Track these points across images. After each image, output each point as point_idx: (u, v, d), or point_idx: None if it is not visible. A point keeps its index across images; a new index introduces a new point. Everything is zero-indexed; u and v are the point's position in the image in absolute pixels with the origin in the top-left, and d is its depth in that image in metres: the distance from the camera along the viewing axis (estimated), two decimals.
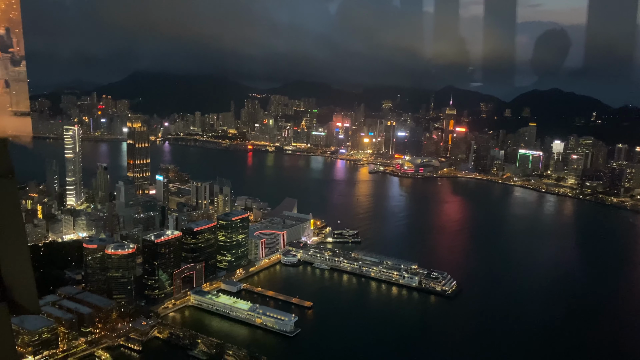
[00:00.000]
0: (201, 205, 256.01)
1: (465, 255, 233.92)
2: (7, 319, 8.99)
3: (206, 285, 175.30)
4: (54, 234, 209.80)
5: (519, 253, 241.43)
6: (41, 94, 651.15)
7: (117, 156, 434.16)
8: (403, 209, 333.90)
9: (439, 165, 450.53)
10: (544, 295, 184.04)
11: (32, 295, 9.52)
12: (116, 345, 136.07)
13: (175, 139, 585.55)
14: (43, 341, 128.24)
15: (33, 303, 9.44)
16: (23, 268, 9.33)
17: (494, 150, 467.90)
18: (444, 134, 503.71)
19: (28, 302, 9.26)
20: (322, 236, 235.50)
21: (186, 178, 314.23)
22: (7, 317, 8.99)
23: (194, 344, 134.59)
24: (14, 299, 9.11)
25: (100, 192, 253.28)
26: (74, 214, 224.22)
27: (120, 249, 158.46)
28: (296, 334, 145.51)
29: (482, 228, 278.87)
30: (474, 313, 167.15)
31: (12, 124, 9.53)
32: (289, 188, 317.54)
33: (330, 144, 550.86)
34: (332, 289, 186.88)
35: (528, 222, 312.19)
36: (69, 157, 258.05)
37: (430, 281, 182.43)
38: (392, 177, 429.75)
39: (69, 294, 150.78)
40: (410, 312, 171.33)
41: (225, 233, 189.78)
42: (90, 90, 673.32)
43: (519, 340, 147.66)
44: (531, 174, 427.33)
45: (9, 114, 9.74)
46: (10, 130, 9.31)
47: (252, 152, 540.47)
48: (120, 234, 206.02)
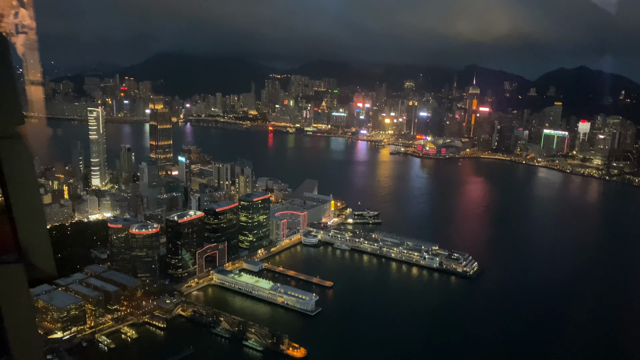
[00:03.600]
0: (223, 186, 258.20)
1: (488, 237, 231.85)
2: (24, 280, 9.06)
3: (228, 265, 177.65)
4: (80, 214, 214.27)
5: (542, 235, 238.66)
6: (65, 77, 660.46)
7: (140, 137, 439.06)
8: (424, 190, 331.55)
9: (461, 145, 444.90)
10: (566, 278, 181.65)
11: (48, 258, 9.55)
12: (141, 322, 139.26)
13: (197, 121, 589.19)
14: (71, 317, 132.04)
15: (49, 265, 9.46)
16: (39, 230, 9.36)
17: (517, 130, 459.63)
18: (467, 113, 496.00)
19: (44, 265, 9.29)
20: (343, 217, 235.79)
21: (208, 159, 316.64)
22: (24, 279, 9.05)
23: (216, 321, 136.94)
24: (31, 261, 9.16)
25: (124, 173, 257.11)
26: (99, 194, 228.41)
27: (144, 228, 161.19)
28: (317, 313, 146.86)
29: (505, 209, 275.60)
30: (494, 294, 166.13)
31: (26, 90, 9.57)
32: (309, 169, 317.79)
33: (351, 124, 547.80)
34: (352, 269, 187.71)
35: (552, 203, 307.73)
36: (93, 139, 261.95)
37: (451, 262, 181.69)
38: (413, 158, 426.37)
39: (96, 273, 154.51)
40: (430, 292, 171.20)
41: (247, 214, 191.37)
42: (113, 73, 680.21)
43: (538, 323, 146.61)
44: (556, 154, 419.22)
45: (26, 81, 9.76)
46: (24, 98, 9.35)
47: (272, 134, 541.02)
48: (144, 214, 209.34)
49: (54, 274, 9.49)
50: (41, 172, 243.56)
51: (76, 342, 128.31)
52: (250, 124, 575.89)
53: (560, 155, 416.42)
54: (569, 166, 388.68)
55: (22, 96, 16.11)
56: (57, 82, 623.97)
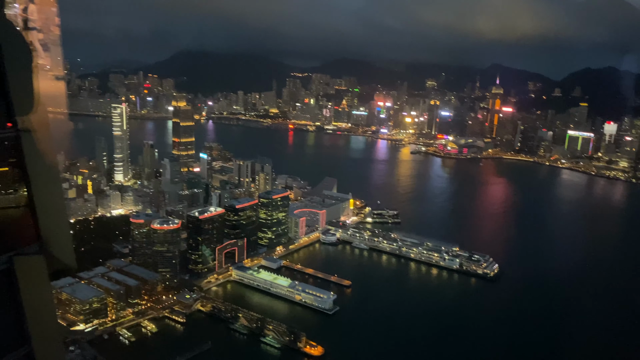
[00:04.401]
0: (243, 183, 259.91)
1: (509, 239, 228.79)
2: (44, 272, 9.26)
3: (247, 261, 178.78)
4: (103, 208, 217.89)
5: (565, 238, 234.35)
6: (90, 73, 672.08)
7: (162, 134, 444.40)
8: (445, 190, 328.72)
9: (483, 146, 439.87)
10: (588, 281, 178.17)
11: (68, 249, 9.75)
12: (161, 316, 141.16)
13: (219, 118, 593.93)
14: (93, 310, 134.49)
15: (69, 257, 9.67)
16: (60, 223, 9.57)
17: (541, 131, 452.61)
18: (490, 113, 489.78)
19: (65, 256, 9.49)
20: (362, 216, 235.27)
21: (229, 156, 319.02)
22: (44, 270, 9.25)
23: (235, 317, 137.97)
24: (52, 253, 9.36)
25: (146, 169, 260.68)
26: (122, 189, 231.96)
27: (166, 224, 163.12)
28: (335, 312, 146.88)
29: (527, 211, 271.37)
30: (515, 296, 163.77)
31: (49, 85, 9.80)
32: (329, 167, 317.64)
33: (371, 123, 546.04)
34: (371, 268, 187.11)
35: (576, 205, 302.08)
36: (117, 135, 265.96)
37: (471, 263, 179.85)
38: (434, 157, 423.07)
39: (117, 267, 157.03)
40: (449, 293, 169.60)
41: (266, 211, 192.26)
42: (136, 70, 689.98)
43: (559, 326, 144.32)
44: (580, 156, 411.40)
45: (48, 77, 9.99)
46: (46, 90, 9.56)
47: (292, 132, 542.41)
48: (165, 209, 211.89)
49: (74, 266, 9.66)
50: (66, 167, 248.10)
51: (97, 335, 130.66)
52: (270, 122, 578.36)
53: (585, 157, 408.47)
54: (594, 168, 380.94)
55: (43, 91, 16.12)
56: (83, 78, 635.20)
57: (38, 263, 9.18)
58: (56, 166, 9.81)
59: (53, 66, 9.80)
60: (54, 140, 9.25)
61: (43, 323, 9.48)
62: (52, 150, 9.43)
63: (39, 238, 9.24)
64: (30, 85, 9.02)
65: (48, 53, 9.07)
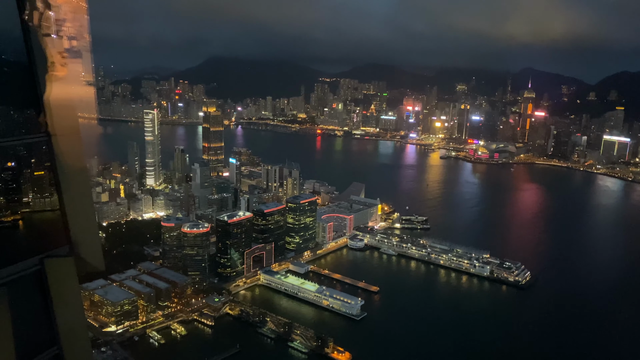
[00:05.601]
0: (271, 188, 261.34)
1: (542, 246, 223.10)
2: (74, 274, 9.34)
3: (275, 266, 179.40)
4: (135, 212, 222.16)
5: (600, 245, 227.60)
6: (123, 80, 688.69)
7: (193, 139, 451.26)
8: (475, 196, 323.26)
9: (515, 151, 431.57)
10: (622, 289, 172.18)
11: (97, 252, 9.84)
12: (190, 319, 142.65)
13: (248, 123, 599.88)
14: (125, 312, 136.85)
15: (98, 259, 9.74)
16: (89, 225, 9.67)
17: (575, 136, 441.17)
18: (522, 118, 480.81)
19: (93, 258, 9.57)
20: (390, 222, 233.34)
21: (257, 161, 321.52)
22: (74, 272, 9.33)
23: (263, 321, 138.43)
24: (81, 255, 9.43)
25: (177, 174, 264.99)
26: (153, 193, 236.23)
27: (196, 228, 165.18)
28: (362, 318, 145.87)
29: (561, 218, 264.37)
30: (547, 305, 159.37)
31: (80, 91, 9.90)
32: (356, 172, 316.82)
33: (400, 128, 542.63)
34: (399, 274, 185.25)
35: (611, 212, 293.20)
36: (149, 140, 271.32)
37: (502, 271, 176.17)
38: (464, 162, 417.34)
39: (148, 269, 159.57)
40: (480, 302, 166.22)
41: (294, 215, 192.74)
42: (168, 76, 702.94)
43: (592, 335, 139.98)
44: (617, 161, 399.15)
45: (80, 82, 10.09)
46: (77, 96, 9.67)
47: (320, 137, 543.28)
48: (195, 213, 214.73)
49: (103, 269, 9.73)
50: (99, 171, 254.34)
51: (128, 336, 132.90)
52: (299, 127, 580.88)
53: (621, 162, 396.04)
54: (631, 174, 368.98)
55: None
56: (116, 85, 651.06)
57: (68, 265, 9.28)
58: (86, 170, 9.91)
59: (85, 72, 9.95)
60: (84, 145, 9.35)
61: (72, 324, 9.57)
62: (82, 154, 9.53)
63: (69, 241, 9.35)
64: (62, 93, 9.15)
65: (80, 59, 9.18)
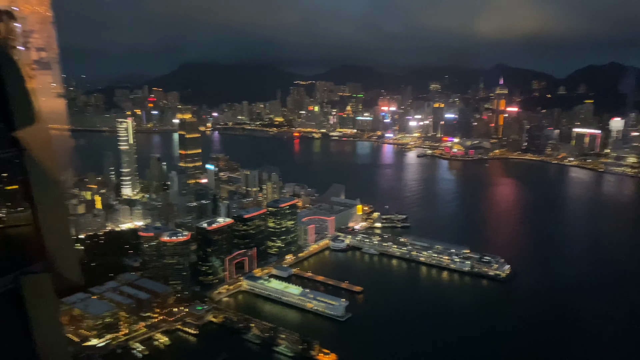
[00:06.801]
0: (251, 193, 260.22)
1: (520, 239, 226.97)
2: (51, 290, 9.25)
3: (258, 271, 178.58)
4: (112, 223, 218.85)
5: (576, 236, 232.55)
6: (96, 89, 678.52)
7: (169, 147, 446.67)
8: (453, 192, 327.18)
9: (489, 147, 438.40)
10: (600, 279, 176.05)
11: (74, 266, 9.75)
12: (174, 329, 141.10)
13: (224, 129, 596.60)
14: (106, 325, 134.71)
15: (76, 273, 9.66)
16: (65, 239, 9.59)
17: (547, 130, 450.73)
18: (495, 114, 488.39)
19: (71, 273, 9.49)
20: (371, 221, 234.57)
21: (236, 166, 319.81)
22: (51, 288, 9.24)
23: (247, 328, 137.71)
24: (58, 269, 9.35)
25: (154, 182, 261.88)
26: (130, 203, 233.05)
27: (175, 236, 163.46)
28: (347, 319, 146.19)
29: (537, 210, 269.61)
30: (527, 297, 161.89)
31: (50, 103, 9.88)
32: (336, 174, 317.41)
33: (376, 128, 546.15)
34: (381, 273, 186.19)
35: (585, 203, 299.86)
36: (124, 149, 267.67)
37: (482, 265, 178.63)
38: (441, 160, 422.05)
39: (129, 281, 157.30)
40: (462, 297, 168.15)
41: (275, 219, 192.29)
42: (141, 84, 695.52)
43: (572, 326, 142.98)
44: (588, 153, 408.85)
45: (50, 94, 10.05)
46: (47, 108, 9.65)
47: (298, 139, 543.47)
48: (174, 222, 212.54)
49: (81, 283, 9.66)
50: (74, 183, 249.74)
51: (111, 349, 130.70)
52: (276, 131, 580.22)
53: (592, 154, 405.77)
54: (602, 165, 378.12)
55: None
56: (89, 95, 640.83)
57: (44, 281, 9.17)
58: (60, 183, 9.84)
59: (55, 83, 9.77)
60: (57, 157, 9.29)
61: (52, 343, 9.45)
62: (55, 167, 9.46)
63: (44, 256, 9.25)
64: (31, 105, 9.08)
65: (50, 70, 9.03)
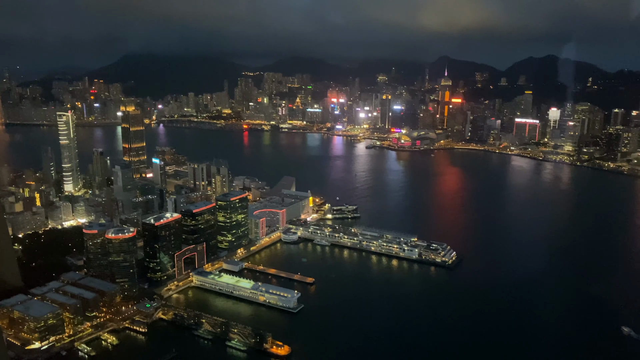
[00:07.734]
0: (199, 187, 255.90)
1: (465, 226, 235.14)
2: None
3: (208, 266, 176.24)
4: (54, 221, 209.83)
5: (518, 222, 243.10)
6: (32, 81, 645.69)
7: (112, 141, 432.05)
8: (401, 182, 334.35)
9: (435, 137, 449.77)
10: (542, 263, 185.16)
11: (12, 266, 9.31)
12: (122, 328, 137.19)
13: (170, 121, 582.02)
14: (49, 327, 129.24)
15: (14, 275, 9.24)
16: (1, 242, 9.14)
17: (490, 120, 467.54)
18: (440, 105, 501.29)
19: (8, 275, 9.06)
20: (322, 213, 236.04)
21: (183, 160, 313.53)
22: None
23: (198, 323, 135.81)
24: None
25: (97, 178, 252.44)
26: (73, 200, 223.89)
27: (121, 233, 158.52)
28: (299, 310, 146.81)
29: (481, 198, 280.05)
30: (473, 283, 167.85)
31: None
32: (286, 166, 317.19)
33: (326, 120, 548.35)
34: (333, 264, 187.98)
35: (526, 190, 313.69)
36: (64, 144, 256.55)
37: (430, 253, 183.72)
38: (389, 151, 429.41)
39: (72, 280, 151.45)
40: (411, 284, 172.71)
41: (225, 213, 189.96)
42: (81, 75, 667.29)
43: (515, 310, 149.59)
44: (528, 142, 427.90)
45: None
46: None
47: (247, 132, 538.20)
48: (119, 218, 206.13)
49: (19, 284, 9.22)
50: (11, 179, 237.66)
51: (55, 352, 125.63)
52: (224, 123, 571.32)
53: (532, 143, 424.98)
54: (541, 153, 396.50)
55: None
56: (24, 87, 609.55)
57: None
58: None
59: None
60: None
61: None
62: None
63: None
64: None
65: None
